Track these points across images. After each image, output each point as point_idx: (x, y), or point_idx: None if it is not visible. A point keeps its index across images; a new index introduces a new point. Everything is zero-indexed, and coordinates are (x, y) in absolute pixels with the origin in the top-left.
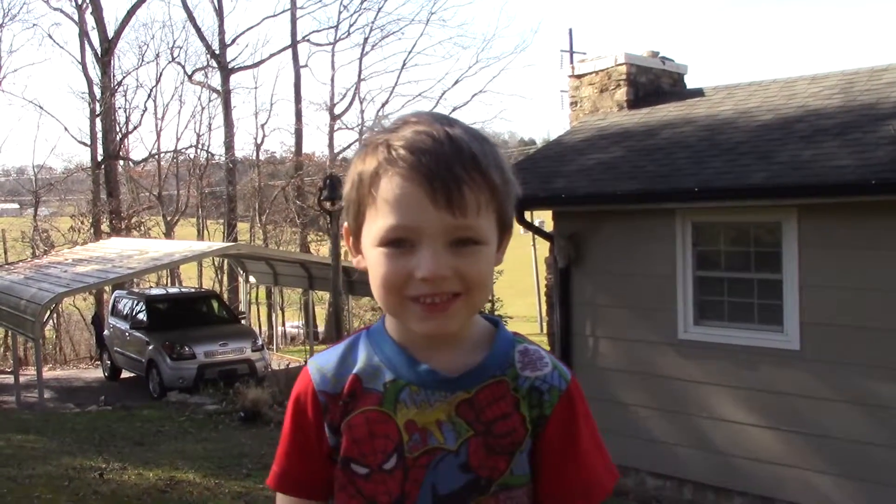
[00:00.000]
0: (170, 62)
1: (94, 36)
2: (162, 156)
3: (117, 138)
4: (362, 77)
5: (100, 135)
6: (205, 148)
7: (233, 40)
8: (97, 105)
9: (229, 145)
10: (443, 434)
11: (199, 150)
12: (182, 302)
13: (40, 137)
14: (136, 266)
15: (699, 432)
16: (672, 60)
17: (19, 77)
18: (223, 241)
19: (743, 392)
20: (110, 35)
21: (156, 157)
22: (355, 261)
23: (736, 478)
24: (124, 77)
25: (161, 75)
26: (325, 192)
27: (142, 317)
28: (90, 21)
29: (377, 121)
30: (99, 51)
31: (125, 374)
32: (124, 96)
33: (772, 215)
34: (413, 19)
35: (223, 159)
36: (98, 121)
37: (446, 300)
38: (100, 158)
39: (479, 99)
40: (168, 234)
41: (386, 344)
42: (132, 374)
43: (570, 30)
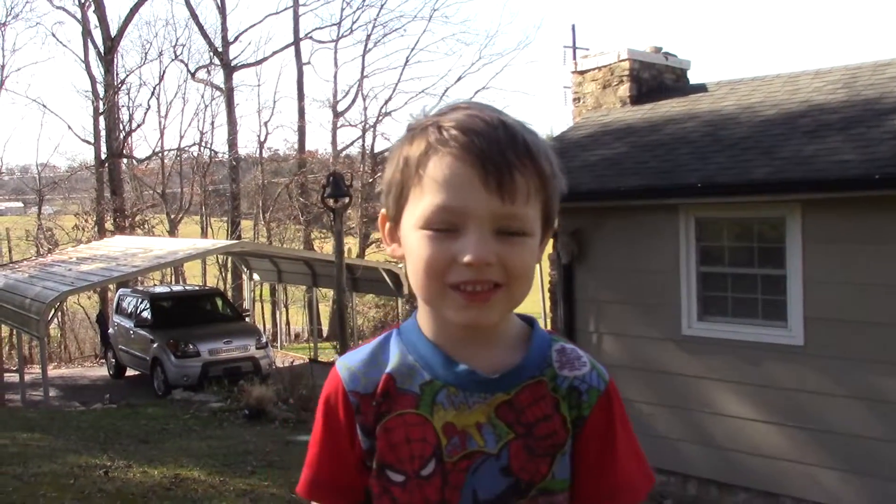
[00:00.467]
0: (173, 60)
1: (97, 34)
2: (165, 153)
3: (121, 136)
4: (365, 74)
5: (103, 133)
6: (208, 145)
7: (235, 38)
8: (100, 103)
9: (232, 143)
10: (483, 437)
11: (202, 148)
12: (186, 300)
13: (44, 136)
14: (141, 264)
15: (703, 428)
16: (675, 56)
17: (23, 76)
18: (227, 238)
19: (747, 388)
20: (113, 33)
21: (159, 154)
22: (389, 249)
23: (740, 473)
24: (127, 75)
25: (164, 73)
26: (329, 190)
27: (146, 315)
28: (93, 19)
29: (421, 110)
30: (102, 49)
31: (130, 372)
32: (127, 94)
33: (775, 210)
34: (416, 16)
35: (226, 157)
36: (101, 119)
37: (487, 289)
38: (103, 156)
39: (481, 95)
40: (172, 232)
41: (420, 343)
42: (137, 372)
43: (573, 26)
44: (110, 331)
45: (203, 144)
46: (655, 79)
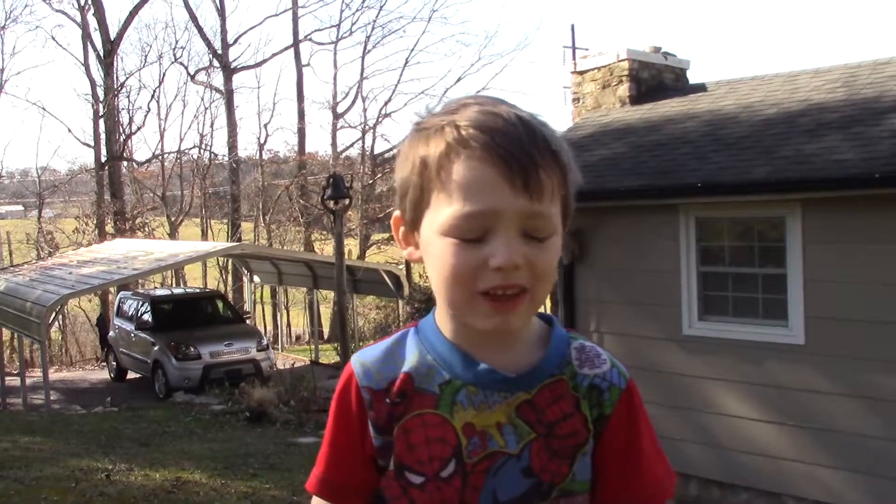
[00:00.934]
0: (172, 63)
1: (96, 37)
2: (165, 156)
3: (121, 139)
4: (365, 75)
5: (103, 136)
6: (208, 148)
7: (235, 40)
8: (100, 106)
9: (232, 145)
10: (503, 437)
11: (202, 151)
12: (187, 302)
13: (44, 139)
14: (141, 267)
15: (704, 428)
16: (674, 55)
17: (23, 79)
18: (227, 241)
19: (748, 387)
20: (113, 36)
21: (159, 157)
22: (406, 253)
23: (741, 473)
24: (127, 78)
25: (164, 76)
26: (329, 191)
27: (147, 317)
28: (92, 22)
29: (425, 108)
30: (101, 52)
31: (131, 375)
32: (127, 97)
33: (775, 210)
34: (415, 17)
35: (226, 159)
36: (101, 122)
37: (515, 294)
38: (103, 160)
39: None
40: (172, 234)
41: (439, 342)
42: (138, 375)
43: (573, 26)
44: (111, 334)
45: (203, 147)
46: (655, 79)
